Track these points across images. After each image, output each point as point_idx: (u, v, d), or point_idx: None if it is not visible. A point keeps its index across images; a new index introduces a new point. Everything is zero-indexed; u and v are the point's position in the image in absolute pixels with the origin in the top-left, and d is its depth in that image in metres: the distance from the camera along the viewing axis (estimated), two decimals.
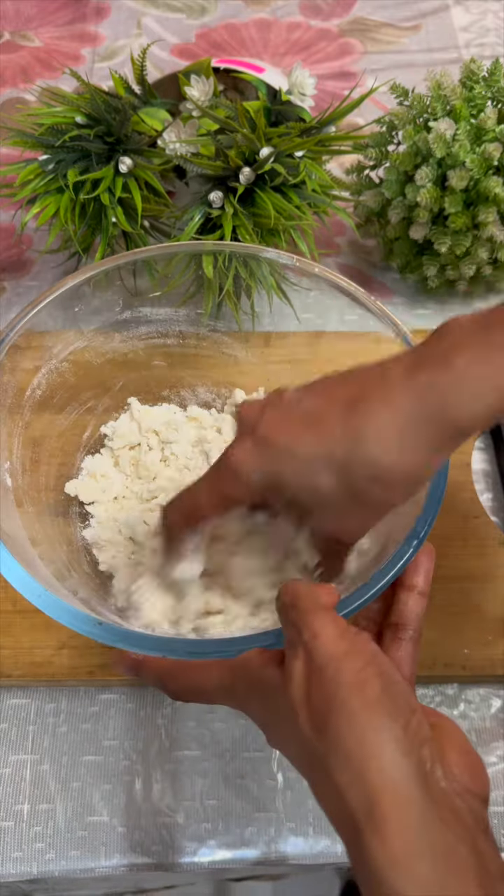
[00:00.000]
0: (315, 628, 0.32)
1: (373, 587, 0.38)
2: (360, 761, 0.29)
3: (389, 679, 0.31)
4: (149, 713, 0.49)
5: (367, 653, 0.31)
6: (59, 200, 0.58)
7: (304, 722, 0.31)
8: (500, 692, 0.50)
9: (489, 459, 0.59)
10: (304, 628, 0.32)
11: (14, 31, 0.90)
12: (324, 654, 0.31)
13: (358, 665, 0.31)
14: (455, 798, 0.29)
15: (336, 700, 0.30)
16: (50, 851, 0.45)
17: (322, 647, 0.31)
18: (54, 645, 0.48)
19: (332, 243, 0.71)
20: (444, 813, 0.28)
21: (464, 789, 0.30)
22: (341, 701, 0.30)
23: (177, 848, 0.45)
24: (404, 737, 0.29)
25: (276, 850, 0.46)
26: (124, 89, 0.64)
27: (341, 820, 0.29)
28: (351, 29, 0.90)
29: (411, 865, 0.27)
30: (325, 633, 0.31)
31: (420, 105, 0.61)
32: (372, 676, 0.30)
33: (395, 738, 0.29)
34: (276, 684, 0.32)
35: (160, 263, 0.54)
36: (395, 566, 0.38)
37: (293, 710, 0.31)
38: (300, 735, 0.31)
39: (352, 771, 0.29)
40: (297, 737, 0.31)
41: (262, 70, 0.68)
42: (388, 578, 0.38)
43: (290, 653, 0.32)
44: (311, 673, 0.31)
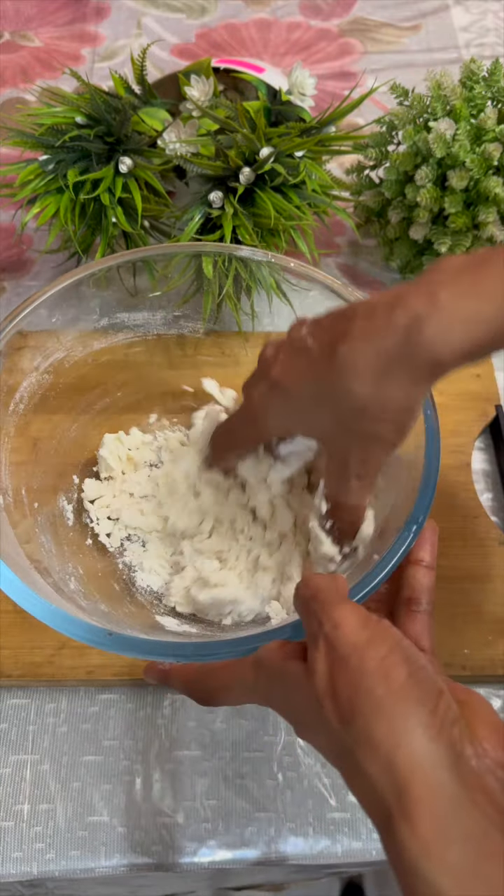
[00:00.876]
0: (336, 618, 0.32)
1: (379, 573, 0.39)
2: (389, 749, 0.29)
3: (414, 664, 0.31)
4: (149, 713, 0.49)
5: (391, 639, 0.31)
6: (59, 200, 0.58)
7: (331, 713, 0.31)
8: (500, 692, 0.50)
9: (489, 459, 0.59)
10: (326, 619, 0.32)
11: (14, 31, 0.90)
12: (346, 643, 0.31)
13: (382, 652, 0.31)
14: (487, 776, 0.29)
15: (361, 689, 0.30)
16: (50, 851, 0.45)
17: (344, 637, 0.31)
18: (54, 645, 0.48)
19: (332, 243, 0.71)
20: (476, 795, 0.28)
21: (496, 764, 0.30)
22: (367, 690, 0.30)
23: (177, 848, 0.45)
24: (432, 721, 0.29)
25: (276, 850, 0.46)
26: (124, 89, 0.64)
27: (373, 809, 0.29)
28: (351, 29, 0.90)
29: (442, 852, 0.27)
30: (347, 623, 0.32)
31: (420, 105, 0.61)
32: (397, 663, 0.30)
33: (423, 724, 0.29)
34: (300, 677, 0.33)
35: (160, 263, 0.54)
36: (397, 551, 0.39)
37: (318, 702, 0.31)
38: (327, 726, 0.31)
39: (381, 760, 0.29)
40: (325, 728, 0.31)
41: (262, 70, 0.68)
42: (392, 563, 0.39)
43: (312, 645, 0.32)
44: (335, 663, 0.31)
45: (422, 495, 0.41)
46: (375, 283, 0.69)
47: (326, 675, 0.31)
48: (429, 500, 0.41)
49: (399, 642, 0.32)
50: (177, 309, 0.56)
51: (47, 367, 0.52)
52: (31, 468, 0.51)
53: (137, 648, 0.38)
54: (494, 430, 0.59)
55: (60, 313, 0.52)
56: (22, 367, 0.51)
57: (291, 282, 0.54)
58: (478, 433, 0.58)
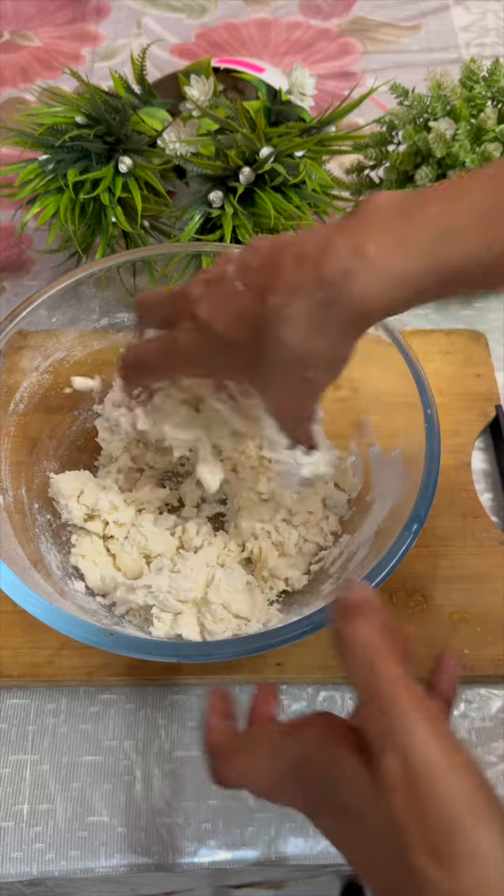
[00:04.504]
0: (410, 726, 0.28)
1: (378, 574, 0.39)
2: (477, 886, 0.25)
3: (486, 784, 0.28)
4: (149, 713, 0.49)
5: (465, 758, 0.28)
6: (59, 200, 0.58)
7: (418, 844, 0.26)
8: (500, 692, 0.50)
9: (489, 459, 0.59)
10: (397, 718, 0.28)
11: (14, 31, 0.90)
12: (426, 761, 0.27)
13: (461, 774, 0.27)
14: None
15: (457, 830, 0.26)
16: (50, 852, 0.45)
17: (423, 753, 0.27)
18: (54, 645, 0.48)
19: None
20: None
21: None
22: (462, 828, 0.26)
23: (177, 848, 0.45)
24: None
25: (276, 851, 0.46)
26: (124, 89, 0.64)
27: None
28: (351, 29, 0.90)
29: None
30: (424, 733, 0.27)
31: (420, 105, 0.61)
32: (478, 790, 0.27)
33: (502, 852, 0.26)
34: (365, 786, 0.28)
35: (160, 263, 0.54)
36: (397, 552, 0.39)
37: (396, 827, 0.27)
38: (407, 858, 0.27)
39: None
40: (400, 859, 0.27)
41: (262, 70, 0.68)
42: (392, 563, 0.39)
43: (380, 745, 0.28)
44: (415, 783, 0.27)
45: (422, 495, 0.41)
46: None
47: (405, 794, 0.27)
48: (429, 500, 0.41)
49: (471, 762, 0.28)
50: None
51: (47, 367, 0.52)
52: (30, 468, 0.51)
53: (137, 648, 0.39)
54: (494, 430, 0.59)
55: (60, 313, 0.52)
56: (22, 367, 0.51)
57: None
58: (478, 433, 0.58)
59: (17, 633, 0.49)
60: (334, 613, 0.30)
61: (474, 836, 0.26)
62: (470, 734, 0.48)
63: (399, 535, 0.40)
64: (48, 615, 0.39)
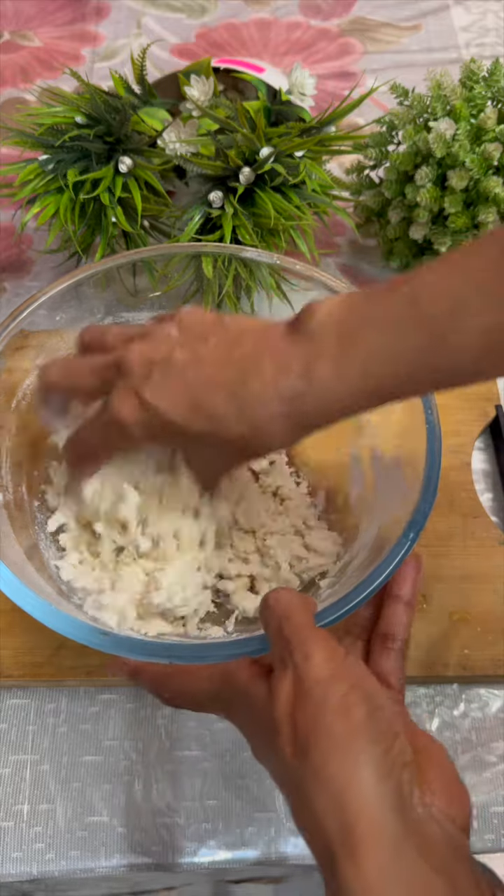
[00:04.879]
0: (307, 650, 0.32)
1: (366, 589, 0.39)
2: (339, 786, 0.29)
3: (374, 703, 0.31)
4: (149, 713, 0.49)
5: (354, 676, 0.32)
6: (59, 200, 0.58)
7: (286, 743, 0.31)
8: (500, 692, 0.50)
9: (489, 459, 0.59)
10: (297, 648, 0.32)
11: (14, 31, 0.90)
12: (312, 676, 0.32)
13: (344, 689, 0.31)
14: (431, 824, 0.29)
15: (320, 724, 0.30)
16: (50, 851, 0.45)
17: (312, 670, 0.32)
18: (54, 645, 0.48)
19: (332, 243, 0.71)
20: (420, 840, 0.28)
21: (442, 815, 0.30)
22: (326, 725, 0.30)
23: (177, 848, 0.45)
24: (384, 761, 0.29)
25: (276, 851, 0.46)
26: (124, 89, 0.64)
27: (318, 844, 0.30)
28: (351, 29, 0.90)
29: (383, 894, 0.27)
30: (316, 655, 0.32)
31: (420, 105, 0.61)
32: (357, 701, 0.31)
33: (375, 763, 0.29)
34: (263, 699, 0.33)
35: (160, 263, 0.54)
36: (385, 570, 0.39)
37: (276, 730, 0.31)
38: (281, 754, 0.31)
39: (329, 795, 0.29)
40: (278, 755, 0.31)
41: (262, 70, 0.68)
42: (379, 581, 0.39)
43: (280, 670, 0.33)
44: (298, 695, 0.31)
45: (422, 500, 0.41)
46: (375, 283, 0.69)
47: (288, 703, 0.32)
48: (429, 505, 0.41)
49: (362, 680, 0.32)
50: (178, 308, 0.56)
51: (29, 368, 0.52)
52: (31, 466, 0.51)
53: (133, 649, 0.38)
54: (494, 430, 0.59)
55: (62, 312, 0.52)
56: (23, 367, 0.51)
57: (291, 282, 0.54)
58: (478, 433, 0.58)
59: (17, 633, 0.49)
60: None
61: (328, 730, 0.30)
62: (470, 734, 0.48)
63: (397, 541, 0.40)
64: (44, 614, 0.39)
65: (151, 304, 0.55)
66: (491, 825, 0.46)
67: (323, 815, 0.29)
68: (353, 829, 0.28)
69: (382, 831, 0.28)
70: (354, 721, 0.30)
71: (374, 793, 0.29)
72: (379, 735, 0.30)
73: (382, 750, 0.30)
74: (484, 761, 0.48)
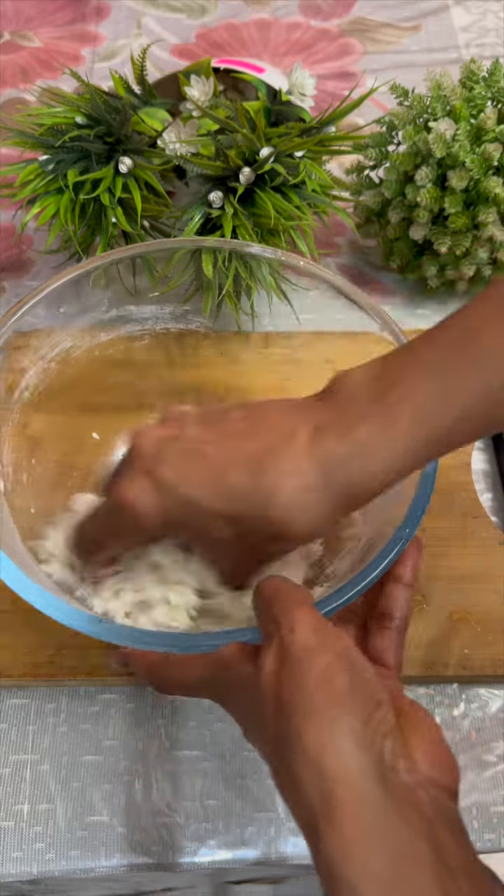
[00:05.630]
0: (292, 621, 0.32)
1: (361, 581, 0.38)
2: (318, 753, 0.29)
3: (358, 674, 0.31)
4: (149, 713, 0.49)
5: (339, 646, 0.32)
6: (59, 200, 0.58)
7: (272, 713, 0.31)
8: (500, 692, 0.50)
9: (489, 459, 0.59)
10: (283, 621, 0.32)
11: (14, 31, 0.90)
12: (298, 646, 0.31)
13: (328, 658, 0.31)
14: (418, 790, 0.29)
15: (303, 691, 0.30)
16: (50, 851, 0.45)
17: (297, 641, 0.32)
18: (54, 645, 0.48)
19: (332, 243, 0.71)
20: (403, 805, 0.28)
21: (428, 781, 0.30)
22: (308, 694, 0.30)
23: (177, 848, 0.45)
24: (364, 730, 0.29)
25: (276, 851, 0.46)
26: (124, 89, 0.64)
27: (300, 812, 0.30)
28: (351, 29, 0.90)
29: (365, 858, 0.27)
30: (301, 626, 0.32)
31: (420, 105, 0.61)
32: (340, 671, 0.31)
33: (355, 731, 0.29)
34: (251, 675, 0.33)
35: (160, 263, 0.54)
36: (379, 565, 0.39)
37: (262, 702, 0.31)
38: (268, 728, 0.31)
39: (309, 762, 0.29)
40: (266, 729, 0.31)
41: (262, 70, 0.68)
42: (374, 575, 0.39)
43: (266, 644, 0.33)
44: (283, 665, 0.31)
45: (412, 511, 0.40)
46: (375, 283, 0.69)
47: (273, 675, 0.31)
48: (419, 515, 0.41)
49: (347, 651, 0.32)
50: (178, 308, 0.56)
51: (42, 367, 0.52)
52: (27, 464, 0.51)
53: (130, 638, 0.38)
54: None
55: (60, 312, 0.52)
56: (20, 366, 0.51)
57: (291, 281, 0.54)
58: None
59: (17, 633, 0.49)
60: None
61: (310, 698, 0.30)
62: (470, 734, 0.49)
63: (393, 536, 0.40)
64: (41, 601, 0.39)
65: (152, 303, 0.55)
66: (491, 825, 0.46)
67: (303, 782, 0.29)
68: (331, 794, 0.28)
69: (362, 797, 0.28)
70: (335, 690, 0.30)
71: (353, 760, 0.29)
72: (360, 704, 0.30)
73: (362, 719, 0.30)
74: (484, 761, 0.48)
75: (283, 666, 0.31)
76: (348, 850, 0.27)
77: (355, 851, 0.27)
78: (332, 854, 0.27)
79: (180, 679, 0.37)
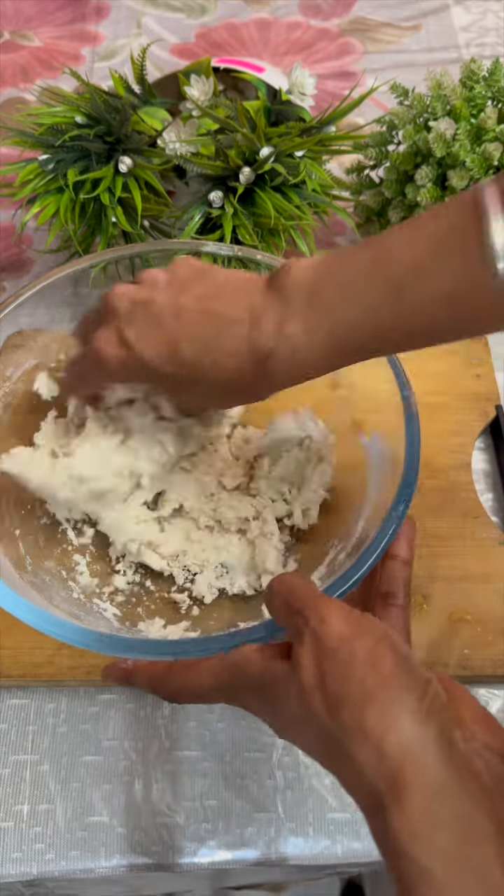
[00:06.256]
0: (322, 614, 0.32)
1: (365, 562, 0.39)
2: (379, 735, 0.29)
3: (402, 653, 0.31)
4: (149, 713, 0.49)
5: (378, 631, 0.32)
6: (59, 200, 0.58)
7: (319, 706, 0.31)
8: (500, 692, 0.50)
9: (489, 459, 0.59)
10: (311, 615, 0.33)
11: (14, 31, 0.90)
12: (334, 636, 0.32)
13: (369, 644, 0.31)
14: (475, 759, 0.30)
15: (352, 679, 0.30)
16: (50, 852, 0.45)
17: (331, 631, 0.32)
18: (54, 645, 0.48)
19: (332, 243, 0.71)
20: (465, 778, 0.29)
21: (484, 747, 0.31)
22: (357, 680, 0.30)
23: (177, 848, 0.45)
24: (420, 707, 0.30)
25: (277, 851, 0.46)
26: (124, 89, 0.64)
27: (363, 796, 0.30)
28: (351, 29, 0.90)
29: (431, 835, 0.27)
30: (334, 617, 0.32)
31: (420, 105, 0.61)
32: (385, 653, 0.31)
33: (412, 710, 0.29)
34: (285, 676, 0.33)
35: (159, 263, 0.54)
36: (379, 544, 0.39)
37: (306, 697, 0.31)
38: (315, 720, 0.31)
39: (371, 746, 0.29)
40: (311, 723, 0.31)
41: (262, 70, 0.68)
42: (376, 554, 0.39)
43: (297, 641, 0.33)
44: (323, 657, 0.31)
45: (400, 494, 0.41)
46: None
47: (314, 668, 0.31)
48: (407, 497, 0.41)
49: (386, 633, 0.32)
50: None
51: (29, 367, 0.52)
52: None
53: (135, 649, 0.38)
54: (494, 430, 0.59)
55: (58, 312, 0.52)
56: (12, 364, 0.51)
57: None
58: (478, 433, 0.58)
59: (17, 633, 0.48)
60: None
61: (360, 684, 0.30)
62: None
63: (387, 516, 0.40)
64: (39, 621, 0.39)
65: None
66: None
67: (366, 766, 0.29)
68: (398, 775, 0.28)
69: (428, 775, 0.28)
70: (385, 671, 0.30)
71: (414, 738, 0.29)
72: (412, 682, 0.30)
73: (417, 697, 0.30)
74: None
75: (322, 658, 0.31)
76: (415, 829, 0.28)
77: (422, 830, 0.27)
78: (400, 834, 0.28)
79: (190, 687, 0.37)
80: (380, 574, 0.40)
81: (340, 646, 0.31)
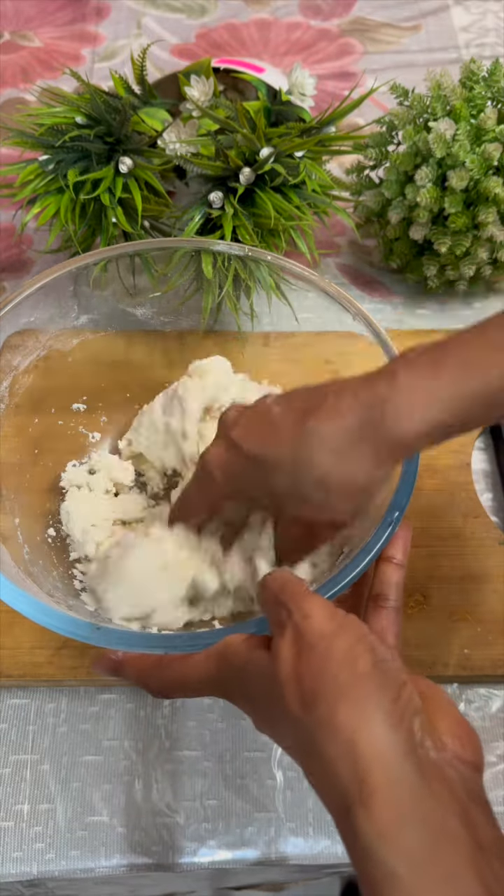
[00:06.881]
0: (306, 609, 0.33)
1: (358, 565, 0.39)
2: (350, 733, 0.29)
3: (379, 655, 0.31)
4: (149, 713, 0.49)
5: (358, 631, 0.32)
6: (60, 200, 0.58)
7: (292, 699, 0.31)
8: (500, 692, 0.50)
9: (489, 459, 0.59)
10: (295, 609, 0.33)
11: (14, 31, 0.90)
12: (314, 632, 0.32)
13: (348, 642, 0.31)
14: (446, 768, 0.29)
15: (327, 675, 0.30)
16: (50, 851, 0.45)
17: (313, 626, 0.32)
18: (54, 645, 0.48)
19: (332, 243, 0.71)
20: (434, 784, 0.28)
21: (455, 758, 0.30)
22: (332, 676, 0.30)
23: (177, 848, 0.45)
24: (393, 709, 0.30)
25: (277, 851, 0.46)
26: (124, 89, 0.64)
27: (331, 795, 0.30)
28: (351, 29, 0.90)
29: (399, 838, 0.27)
30: (316, 613, 0.32)
31: (420, 105, 0.61)
32: (362, 652, 0.31)
33: (385, 711, 0.29)
34: (263, 666, 0.33)
35: (160, 263, 0.54)
36: (372, 548, 0.39)
37: (280, 688, 0.31)
38: (288, 713, 0.31)
39: (341, 743, 0.29)
40: (285, 715, 0.31)
41: (262, 70, 0.68)
42: (369, 558, 0.39)
43: (278, 633, 0.33)
44: (301, 651, 0.32)
45: (397, 498, 0.41)
46: (375, 283, 0.69)
47: (291, 661, 0.32)
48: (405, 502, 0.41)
49: (365, 634, 0.32)
50: (176, 308, 0.56)
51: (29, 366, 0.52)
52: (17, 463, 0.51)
53: (126, 641, 0.38)
54: (494, 430, 0.59)
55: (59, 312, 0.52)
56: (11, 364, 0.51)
57: (290, 282, 0.54)
58: (478, 433, 0.58)
59: (17, 633, 0.49)
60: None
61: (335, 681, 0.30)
62: None
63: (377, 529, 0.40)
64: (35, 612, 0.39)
65: (152, 303, 0.55)
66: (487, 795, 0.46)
67: (335, 763, 0.29)
68: (366, 774, 0.28)
69: (396, 778, 0.28)
70: (361, 671, 0.30)
71: (385, 740, 0.29)
72: (387, 683, 0.30)
73: (391, 698, 0.30)
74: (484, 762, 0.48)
75: (301, 653, 0.31)
76: (383, 830, 0.27)
77: (389, 832, 0.27)
78: (367, 834, 0.27)
79: (180, 680, 0.37)
80: (373, 576, 0.40)
81: (319, 642, 0.31)
